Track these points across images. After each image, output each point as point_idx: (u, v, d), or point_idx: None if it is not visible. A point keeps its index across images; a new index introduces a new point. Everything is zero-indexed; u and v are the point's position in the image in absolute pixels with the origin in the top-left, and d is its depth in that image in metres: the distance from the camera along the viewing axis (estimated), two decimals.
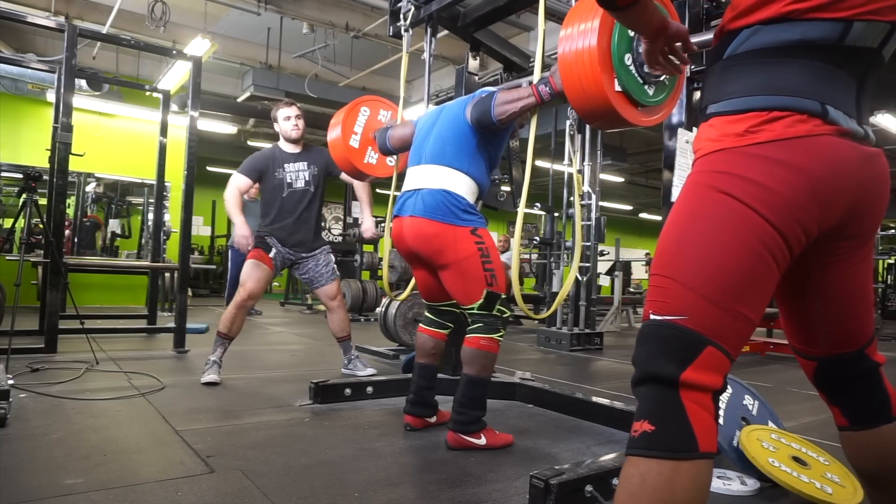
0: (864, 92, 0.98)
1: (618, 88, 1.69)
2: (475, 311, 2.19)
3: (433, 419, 2.46)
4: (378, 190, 14.50)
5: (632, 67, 1.70)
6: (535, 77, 2.14)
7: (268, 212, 3.37)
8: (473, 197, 2.25)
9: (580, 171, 5.44)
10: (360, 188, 3.44)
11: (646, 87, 1.76)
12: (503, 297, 2.21)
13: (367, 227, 3.59)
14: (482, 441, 2.17)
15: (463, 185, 2.20)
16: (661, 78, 1.77)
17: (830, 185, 0.92)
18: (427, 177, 2.23)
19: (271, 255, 3.30)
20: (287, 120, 3.38)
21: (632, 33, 1.67)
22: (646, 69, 1.72)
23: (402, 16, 3.14)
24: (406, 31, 3.10)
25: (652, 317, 0.95)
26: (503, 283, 2.23)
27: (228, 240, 6.98)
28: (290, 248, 3.37)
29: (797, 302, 1.11)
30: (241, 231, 3.27)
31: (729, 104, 0.98)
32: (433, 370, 2.45)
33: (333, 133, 2.96)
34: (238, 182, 3.34)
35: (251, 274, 3.26)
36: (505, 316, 2.23)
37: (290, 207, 3.36)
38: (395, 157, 2.79)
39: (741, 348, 0.94)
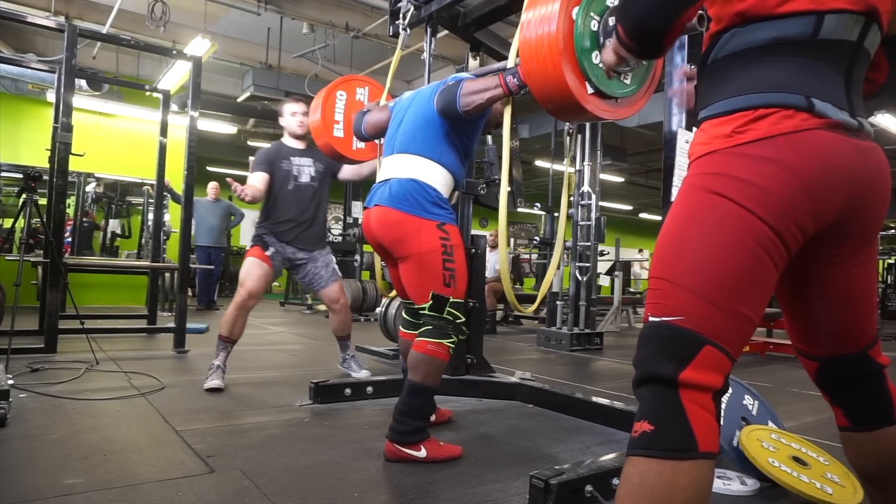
0: (854, 85, 0.98)
1: (591, 91, 1.58)
2: (426, 313, 2.08)
3: (431, 418, 2.43)
4: None
5: (601, 65, 1.57)
6: (508, 65, 2.03)
7: (270, 207, 3.28)
8: (447, 189, 2.14)
9: (578, 171, 5.44)
10: (350, 172, 3.38)
11: (621, 77, 1.64)
12: (455, 301, 2.07)
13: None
14: (422, 453, 2.00)
15: (436, 176, 2.10)
16: (635, 62, 1.62)
17: (823, 181, 0.92)
18: (398, 166, 2.13)
19: (269, 253, 3.21)
20: (294, 116, 3.32)
21: (595, 26, 1.56)
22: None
23: (401, 15, 3.14)
24: (404, 29, 3.09)
25: (651, 319, 0.95)
26: (463, 286, 2.10)
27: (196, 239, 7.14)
28: (291, 245, 3.27)
29: (799, 302, 1.10)
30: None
31: (716, 107, 0.99)
32: None
33: (314, 116, 2.89)
34: (256, 181, 3.20)
35: (251, 272, 3.15)
36: (458, 322, 2.08)
37: (293, 201, 3.28)
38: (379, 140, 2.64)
39: (742, 348, 0.94)
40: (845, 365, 1.10)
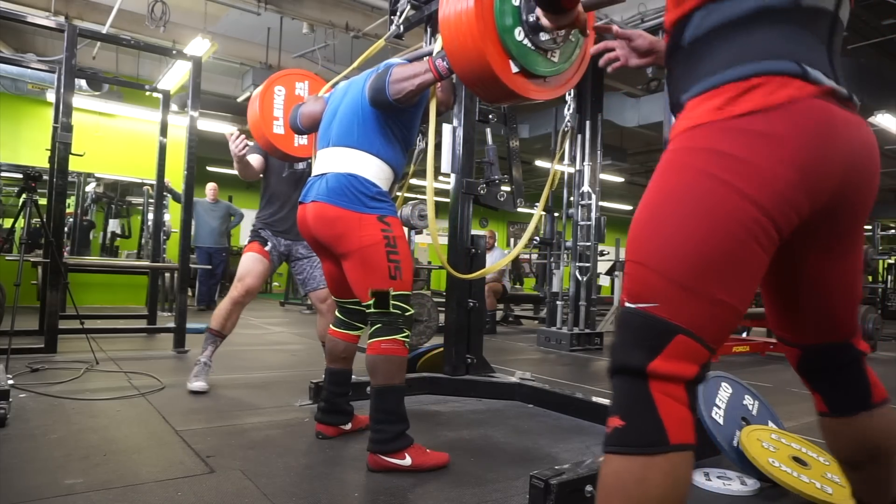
0: (835, 54, 0.95)
1: (515, 70, 1.49)
2: (372, 311, 2.00)
3: (347, 426, 2.32)
4: None
5: (526, 41, 1.48)
6: (435, 49, 1.94)
7: (267, 196, 3.21)
8: (386, 183, 2.07)
9: (579, 171, 5.44)
10: None
11: (548, 55, 1.54)
12: (399, 293, 1.99)
13: None
14: (406, 461, 1.90)
15: (373, 169, 2.02)
16: (561, 38, 1.54)
17: (818, 155, 0.86)
18: (334, 160, 2.05)
19: (267, 248, 3.14)
20: None
21: (516, 1, 1.49)
22: (543, 36, 1.50)
23: (398, 14, 3.13)
24: (397, 26, 3.07)
25: (626, 304, 0.90)
26: (409, 277, 2.03)
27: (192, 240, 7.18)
28: (288, 237, 3.18)
29: (782, 289, 1.08)
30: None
31: (702, 84, 0.92)
32: (346, 374, 2.31)
33: (251, 110, 2.79)
34: (252, 161, 3.11)
35: (251, 269, 3.08)
36: (408, 314, 2.01)
37: (290, 188, 3.18)
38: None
39: (723, 336, 0.89)
40: (826, 353, 1.10)
